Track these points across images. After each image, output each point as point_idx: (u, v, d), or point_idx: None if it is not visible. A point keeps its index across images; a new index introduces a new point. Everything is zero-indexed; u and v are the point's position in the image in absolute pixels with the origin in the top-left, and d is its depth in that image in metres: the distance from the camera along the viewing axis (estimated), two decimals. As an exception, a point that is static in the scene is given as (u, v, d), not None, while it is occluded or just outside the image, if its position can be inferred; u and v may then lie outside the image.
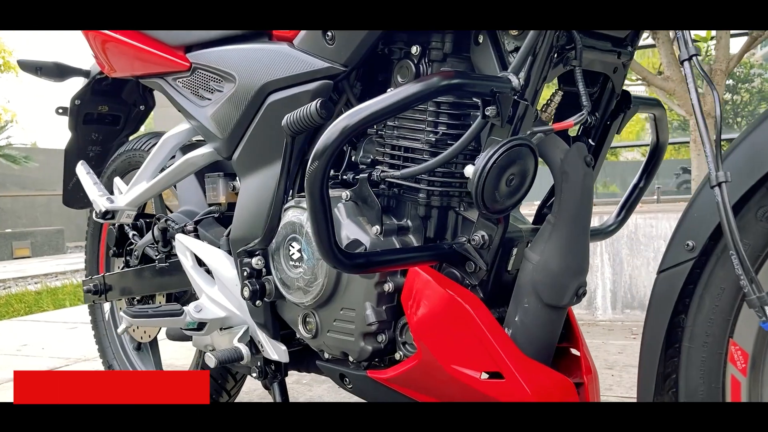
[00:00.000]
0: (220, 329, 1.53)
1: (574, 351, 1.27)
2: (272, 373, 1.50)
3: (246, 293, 1.34)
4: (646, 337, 0.98)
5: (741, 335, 0.91)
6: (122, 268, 2.03)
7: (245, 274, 1.35)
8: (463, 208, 1.23)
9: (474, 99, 1.12)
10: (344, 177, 1.31)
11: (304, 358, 1.46)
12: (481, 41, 1.12)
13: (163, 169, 1.70)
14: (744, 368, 0.92)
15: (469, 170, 1.02)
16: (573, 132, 1.26)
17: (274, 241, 1.34)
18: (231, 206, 1.61)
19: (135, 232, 1.96)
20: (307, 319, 1.33)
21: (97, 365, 2.93)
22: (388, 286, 1.21)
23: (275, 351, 1.44)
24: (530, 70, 1.05)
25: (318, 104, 1.14)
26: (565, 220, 1.12)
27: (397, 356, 1.24)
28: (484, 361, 1.13)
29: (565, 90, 1.20)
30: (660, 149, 1.45)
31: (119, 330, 1.55)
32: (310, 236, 1.26)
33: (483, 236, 1.15)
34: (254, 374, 1.52)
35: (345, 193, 1.26)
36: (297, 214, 1.28)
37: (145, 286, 1.85)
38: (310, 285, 1.27)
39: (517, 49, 1.08)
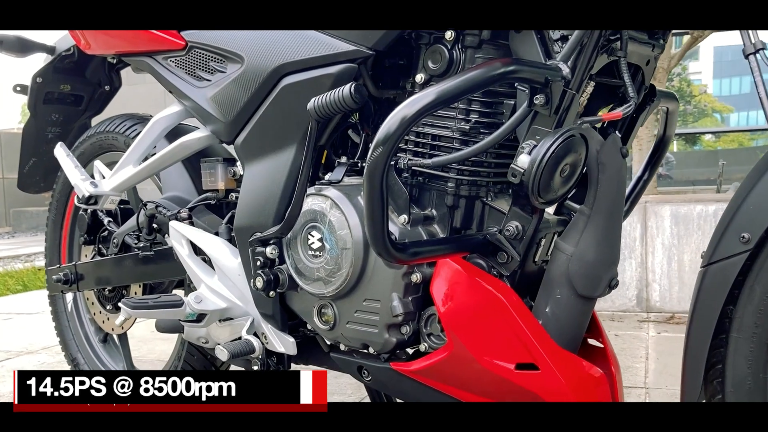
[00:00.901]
0: (219, 321, 1.47)
1: (593, 342, 1.28)
2: (275, 366, 1.45)
3: (259, 284, 1.29)
4: (694, 327, 0.99)
5: (790, 326, 0.93)
6: (93, 257, 1.92)
7: (258, 263, 1.29)
8: (490, 197, 1.21)
9: (519, 87, 1.10)
10: (363, 164, 1.27)
11: (310, 350, 1.42)
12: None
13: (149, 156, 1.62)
14: (791, 358, 0.94)
15: (523, 160, 1.00)
16: (597, 124, 1.26)
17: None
18: (228, 193, 1.55)
19: (110, 219, 1.86)
20: (323, 310, 1.29)
21: (43, 358, 2.80)
22: (416, 277, 1.19)
23: (282, 343, 1.39)
24: (577, 59, 1.04)
25: (352, 88, 1.10)
26: (601, 211, 1.12)
27: (421, 348, 1.22)
28: (518, 352, 1.11)
29: (597, 81, 1.20)
30: (665, 142, 1.47)
31: (117, 322, 1.47)
32: (334, 225, 1.22)
33: (516, 227, 1.14)
34: (255, 367, 1.46)
35: (367, 181, 1.22)
36: (319, 202, 1.24)
37: (126, 275, 1.76)
38: (333, 275, 1.22)
39: (563, 38, 1.07)
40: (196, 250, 1.51)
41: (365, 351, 1.27)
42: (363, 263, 1.20)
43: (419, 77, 1.20)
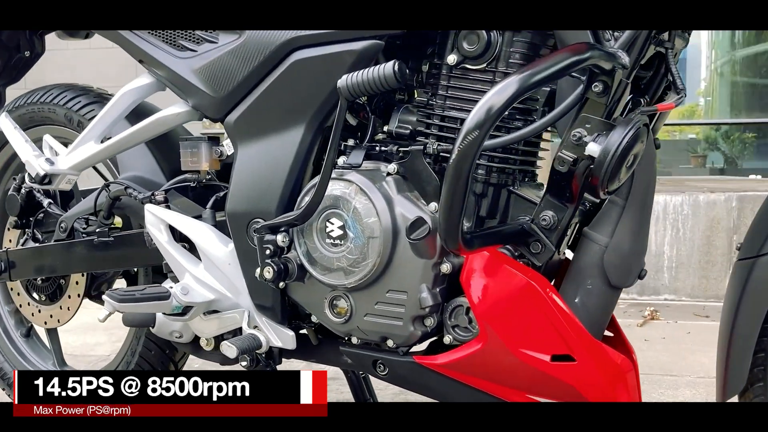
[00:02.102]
0: (204, 313, 1.35)
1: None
2: (265, 362, 1.36)
3: (268, 274, 1.19)
4: (741, 318, 1.01)
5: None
6: (24, 242, 1.72)
7: (267, 252, 1.19)
8: (516, 186, 1.19)
9: (573, 74, 1.07)
10: (383, 148, 1.20)
11: (308, 344, 1.33)
12: None
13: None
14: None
15: (594, 149, 0.98)
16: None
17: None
18: (211, 175, 1.43)
19: (51, 201, 1.66)
20: (336, 302, 1.22)
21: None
22: (447, 267, 1.14)
23: (280, 337, 1.30)
24: (633, 48, 1.03)
25: (396, 66, 1.04)
26: (636, 201, 1.12)
27: (446, 340, 1.17)
28: (554, 343, 1.10)
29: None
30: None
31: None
32: (360, 212, 1.14)
33: (552, 216, 1.12)
34: (244, 363, 1.36)
35: (392, 166, 1.16)
36: (341, 188, 1.16)
37: (76, 263, 1.59)
38: (357, 265, 1.15)
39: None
40: (175, 237, 1.38)
41: (381, 344, 1.21)
42: (390, 253, 1.14)
43: (451, 58, 1.15)
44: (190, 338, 1.44)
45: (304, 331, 1.34)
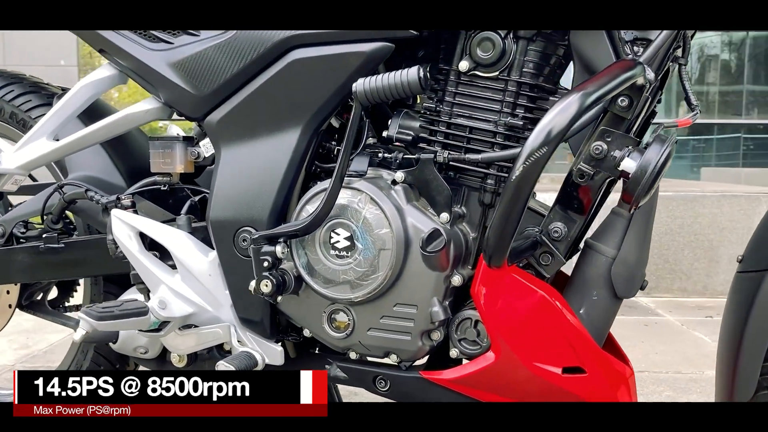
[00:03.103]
0: (180, 328, 1.25)
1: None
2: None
3: (266, 288, 1.11)
4: (751, 328, 1.04)
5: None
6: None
7: (265, 264, 1.11)
8: None
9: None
10: (386, 155, 1.15)
11: (296, 360, 1.27)
12: None
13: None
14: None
15: (630, 165, 0.98)
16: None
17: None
18: (184, 178, 1.32)
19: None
20: (335, 316, 1.16)
21: None
22: (458, 279, 1.11)
23: (267, 353, 1.22)
24: (655, 62, 1.03)
25: (421, 72, 0.99)
26: (642, 212, 1.13)
27: (452, 354, 1.14)
28: (566, 356, 1.09)
29: None
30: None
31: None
32: (370, 223, 1.09)
33: (562, 228, 1.11)
34: (222, 381, 1.27)
35: (399, 174, 1.12)
36: (348, 196, 1.10)
37: (15, 273, 1.43)
38: (365, 278, 1.10)
39: (637, 39, 1.05)
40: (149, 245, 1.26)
41: (382, 360, 1.17)
42: (401, 265, 1.09)
43: (463, 65, 1.11)
44: (156, 354, 1.33)
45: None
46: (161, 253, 1.27)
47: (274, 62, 1.17)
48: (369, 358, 1.19)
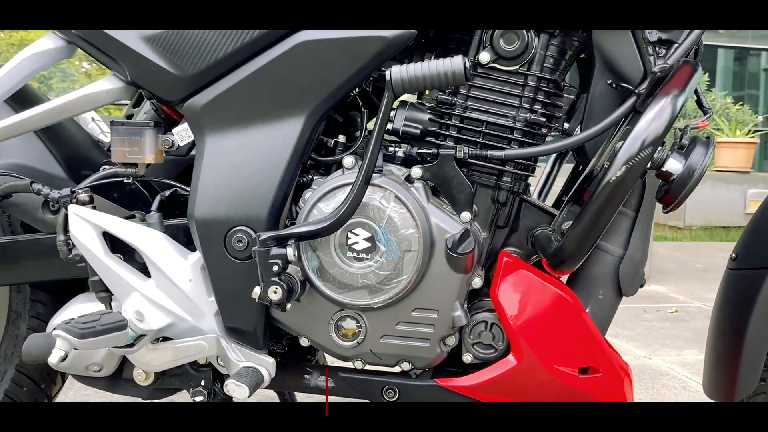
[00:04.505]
0: (152, 342, 1.09)
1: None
2: (223, 396, 1.15)
3: (275, 295, 0.99)
4: (753, 324, 1.09)
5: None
6: None
7: (275, 269, 0.99)
8: (528, 194, 1.15)
9: (623, 85, 1.05)
10: (396, 150, 1.08)
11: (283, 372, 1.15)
12: None
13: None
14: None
15: (676, 166, 0.97)
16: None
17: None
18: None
19: None
20: (343, 324, 1.06)
21: None
22: (477, 281, 1.07)
23: (258, 365, 1.10)
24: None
25: (467, 62, 0.93)
26: (646, 212, 1.15)
27: (466, 359, 1.09)
28: (581, 356, 1.09)
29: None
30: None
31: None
32: (396, 223, 1.01)
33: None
34: (199, 398, 1.13)
35: (415, 170, 1.05)
36: (370, 194, 1.01)
37: None
38: (388, 282, 1.01)
39: (660, 41, 1.06)
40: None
41: (391, 368, 1.09)
42: (426, 268, 1.02)
43: (484, 56, 1.06)
44: (112, 371, 1.16)
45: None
46: (124, 255, 1.11)
47: (277, 43, 1.05)
48: (371, 367, 1.11)
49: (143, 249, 1.07)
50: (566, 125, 1.12)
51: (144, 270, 1.09)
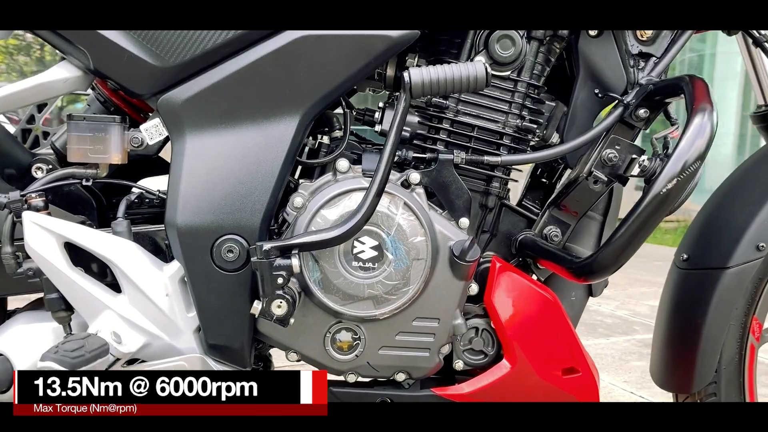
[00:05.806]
0: (125, 363, 0.97)
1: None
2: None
3: (279, 310, 0.91)
4: (710, 321, 1.17)
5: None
6: None
7: (279, 281, 0.91)
8: (508, 199, 1.16)
9: (612, 95, 1.08)
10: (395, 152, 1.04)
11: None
12: (596, 34, 1.09)
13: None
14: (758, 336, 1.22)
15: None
16: None
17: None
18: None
19: None
20: (338, 336, 1.01)
21: None
22: (474, 288, 1.06)
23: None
24: (661, 76, 1.09)
25: (489, 68, 0.92)
26: (613, 216, 1.20)
27: (457, 366, 1.08)
28: (564, 357, 1.11)
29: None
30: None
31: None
32: (405, 231, 0.97)
33: (555, 231, 1.13)
34: None
35: (415, 176, 1.02)
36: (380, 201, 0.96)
37: None
38: (395, 292, 0.97)
39: (641, 54, 1.10)
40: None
41: (386, 380, 1.06)
42: (431, 277, 1.00)
43: (479, 60, 1.05)
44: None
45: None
46: (85, 268, 0.98)
47: (271, 36, 0.96)
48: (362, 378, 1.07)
49: (115, 261, 0.94)
50: (544, 132, 1.14)
51: (110, 285, 0.97)
